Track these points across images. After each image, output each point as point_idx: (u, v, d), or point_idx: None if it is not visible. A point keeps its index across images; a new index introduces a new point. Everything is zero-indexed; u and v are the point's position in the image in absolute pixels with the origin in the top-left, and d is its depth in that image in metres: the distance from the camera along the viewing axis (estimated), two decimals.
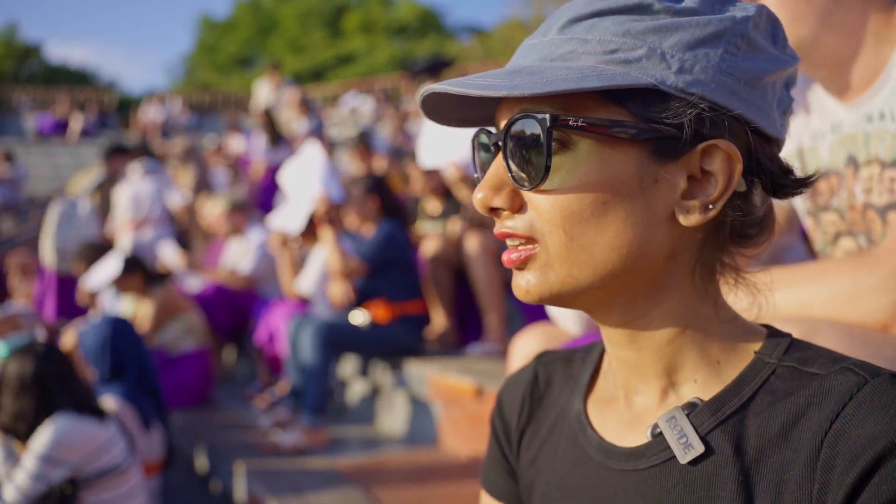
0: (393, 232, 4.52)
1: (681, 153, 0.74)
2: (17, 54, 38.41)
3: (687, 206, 0.75)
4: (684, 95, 0.72)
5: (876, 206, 1.34)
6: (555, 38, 0.76)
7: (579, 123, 0.72)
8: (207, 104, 22.58)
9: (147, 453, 3.58)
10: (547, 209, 0.74)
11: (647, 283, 0.77)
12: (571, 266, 0.75)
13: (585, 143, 0.73)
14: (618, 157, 0.73)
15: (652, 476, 0.79)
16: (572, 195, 0.73)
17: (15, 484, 2.79)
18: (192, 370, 5.21)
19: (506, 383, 1.04)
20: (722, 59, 0.74)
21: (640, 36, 0.73)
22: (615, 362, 0.84)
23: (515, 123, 0.74)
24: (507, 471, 1.00)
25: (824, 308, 1.24)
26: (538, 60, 0.76)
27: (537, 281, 0.77)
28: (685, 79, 0.72)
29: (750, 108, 0.75)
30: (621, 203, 0.73)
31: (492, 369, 3.75)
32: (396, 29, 36.87)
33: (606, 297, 0.78)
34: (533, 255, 0.76)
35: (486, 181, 0.78)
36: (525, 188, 0.75)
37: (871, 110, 1.34)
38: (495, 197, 0.77)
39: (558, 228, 0.74)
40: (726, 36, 0.74)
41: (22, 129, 19.62)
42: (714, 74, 0.73)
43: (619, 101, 0.72)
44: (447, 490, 3.23)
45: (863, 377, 0.71)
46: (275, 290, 5.88)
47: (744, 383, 0.78)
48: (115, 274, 5.05)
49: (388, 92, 19.01)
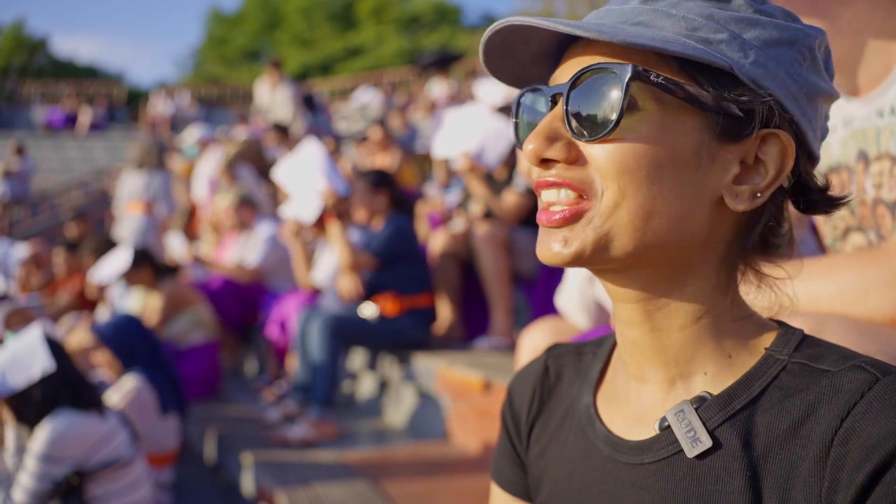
0: (402, 225, 4.53)
1: (742, 137, 0.76)
2: (24, 48, 38.50)
3: (737, 190, 0.76)
4: (754, 86, 0.74)
5: (886, 202, 1.33)
6: (637, 6, 0.78)
7: (660, 80, 0.72)
8: (216, 97, 22.61)
9: (161, 441, 3.60)
10: (606, 162, 0.74)
11: (676, 263, 0.78)
12: (614, 226, 0.74)
13: (655, 104, 0.74)
14: (683, 125, 0.74)
15: (659, 470, 0.79)
16: (633, 152, 0.73)
17: (21, 485, 2.81)
18: (200, 363, 5.23)
19: (516, 376, 1.04)
20: (791, 64, 0.77)
21: (724, 23, 0.75)
22: (625, 345, 0.84)
23: (591, 71, 0.74)
24: (517, 463, 1.00)
25: (832, 303, 1.24)
26: (617, 23, 0.77)
27: (577, 239, 0.76)
28: (759, 71, 0.74)
29: (804, 118, 0.78)
30: (677, 172, 0.74)
31: (500, 363, 3.75)
32: (407, 20, 36.76)
33: (634, 267, 0.78)
34: (581, 210, 0.75)
35: (539, 131, 0.77)
36: (584, 139, 0.75)
37: (882, 105, 1.33)
38: (549, 147, 0.76)
39: (613, 183, 0.74)
40: (798, 45, 0.77)
41: (31, 123, 19.70)
42: (783, 76, 0.76)
43: (693, 76, 0.74)
44: (455, 483, 3.24)
45: (874, 375, 0.71)
46: (283, 284, 5.90)
47: (754, 379, 0.77)
48: (124, 267, 5.07)
49: (396, 85, 19.01)
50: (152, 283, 5.21)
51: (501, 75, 0.86)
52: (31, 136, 17.71)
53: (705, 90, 0.73)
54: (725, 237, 0.79)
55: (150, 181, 7.67)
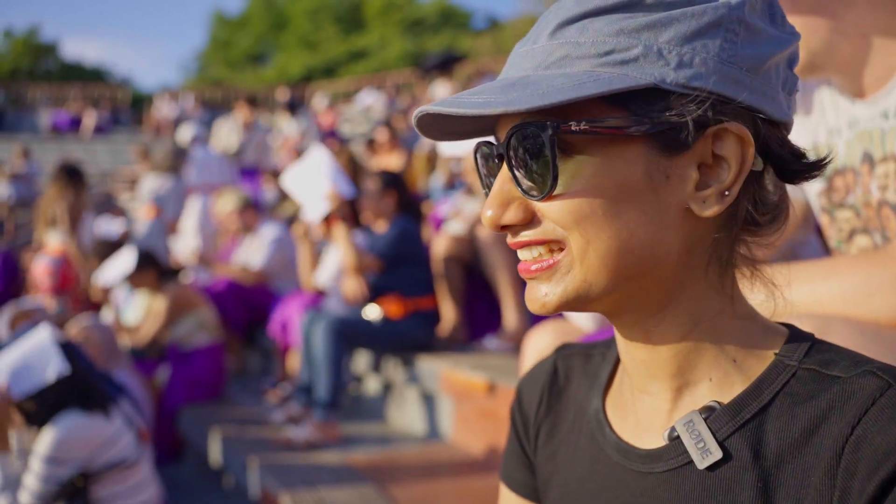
0: (407, 228, 4.53)
1: (690, 145, 0.72)
2: (33, 52, 38.61)
3: (702, 196, 0.73)
4: (686, 91, 0.70)
5: (891, 204, 1.33)
6: (546, 44, 0.74)
7: (581, 128, 0.70)
8: (220, 100, 22.63)
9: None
10: (560, 216, 0.73)
11: (662, 282, 0.76)
12: (587, 271, 0.73)
13: (590, 146, 0.72)
14: (624, 157, 0.72)
15: (669, 480, 0.78)
16: (583, 199, 0.72)
17: (26, 487, 2.81)
18: (205, 365, 5.23)
19: (526, 376, 1.03)
20: (721, 48, 0.71)
21: (634, 34, 0.71)
22: (628, 363, 0.83)
23: (515, 135, 0.73)
24: (526, 464, 1.00)
25: (837, 305, 1.24)
26: (532, 69, 0.74)
27: (556, 290, 0.75)
28: (685, 74, 0.70)
29: (754, 94, 0.73)
30: (633, 203, 0.72)
31: (504, 365, 3.75)
32: (412, 22, 36.77)
33: (621, 300, 0.77)
34: (554, 263, 0.75)
35: (492, 198, 0.76)
36: (535, 198, 0.74)
37: (887, 107, 1.33)
38: (505, 213, 0.76)
39: (574, 233, 0.73)
40: (724, 24, 0.72)
41: (36, 126, 19.76)
42: (715, 65, 0.71)
43: (620, 103, 0.71)
44: (459, 485, 3.24)
45: (886, 381, 0.69)
46: (287, 286, 5.90)
47: (763, 386, 0.76)
48: (128, 270, 5.08)
49: (399, 87, 19.01)
50: (156, 286, 5.22)
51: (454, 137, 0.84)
52: (35, 139, 17.76)
53: (636, 115, 0.71)
54: (706, 239, 0.76)
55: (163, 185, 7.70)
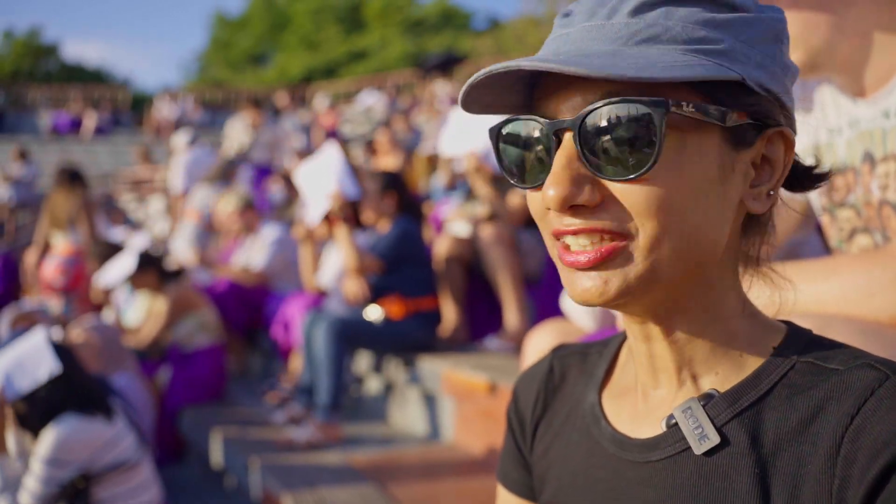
0: (408, 228, 4.52)
1: (752, 142, 0.75)
2: (34, 53, 38.62)
3: (755, 193, 0.77)
4: (761, 91, 0.73)
5: (892, 203, 1.33)
6: (628, 21, 0.72)
7: (689, 110, 0.69)
8: (221, 101, 22.66)
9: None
10: (640, 201, 0.70)
11: (700, 276, 0.76)
12: (657, 260, 0.71)
13: (675, 131, 0.70)
14: (703, 144, 0.72)
15: (666, 467, 0.78)
16: (669, 185, 0.70)
17: (27, 489, 2.81)
18: (206, 366, 5.24)
19: (522, 376, 1.04)
20: (781, 58, 0.76)
21: (722, 28, 0.72)
22: (639, 357, 0.83)
23: (612, 107, 0.69)
24: (522, 464, 1.00)
25: (837, 304, 1.24)
26: (612, 44, 0.71)
27: (617, 279, 0.72)
28: (763, 75, 0.73)
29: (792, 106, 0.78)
30: (708, 193, 0.72)
31: (505, 365, 3.75)
32: (413, 23, 36.77)
33: (670, 292, 0.75)
34: (617, 249, 0.71)
35: (560, 174, 0.70)
36: (613, 178, 0.70)
37: (888, 106, 1.33)
38: (578, 193, 0.70)
39: (652, 221, 0.70)
40: (781, 35, 0.76)
41: (37, 127, 19.78)
42: (778, 73, 0.75)
43: (709, 93, 0.71)
44: (461, 485, 3.24)
45: (884, 373, 0.71)
46: (288, 286, 5.90)
47: (762, 377, 0.77)
48: (129, 271, 5.08)
49: (400, 87, 19.02)
50: (158, 287, 5.22)
51: (472, 107, 0.78)
52: (36, 140, 17.78)
53: (726, 106, 0.71)
54: (736, 238, 0.79)
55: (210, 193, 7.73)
